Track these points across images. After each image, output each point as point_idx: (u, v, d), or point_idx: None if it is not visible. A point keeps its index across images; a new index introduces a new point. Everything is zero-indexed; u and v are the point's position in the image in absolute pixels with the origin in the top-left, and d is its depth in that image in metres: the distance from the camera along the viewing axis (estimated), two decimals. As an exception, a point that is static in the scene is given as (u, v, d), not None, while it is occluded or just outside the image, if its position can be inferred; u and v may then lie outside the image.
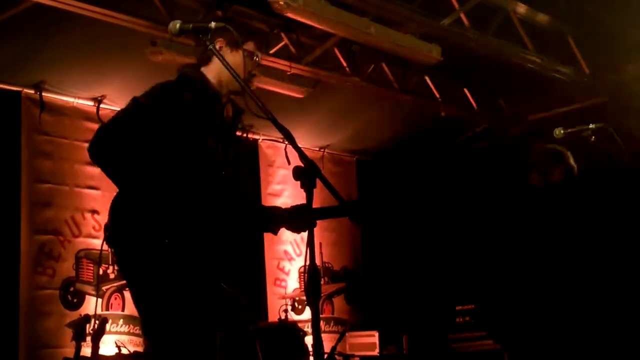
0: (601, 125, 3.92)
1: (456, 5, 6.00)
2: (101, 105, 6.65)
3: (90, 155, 2.99)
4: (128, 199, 3.00)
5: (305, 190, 2.65)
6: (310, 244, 2.59)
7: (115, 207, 3.02)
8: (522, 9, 6.24)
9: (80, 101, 6.66)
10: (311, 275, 2.51)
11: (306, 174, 2.63)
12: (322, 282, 8.19)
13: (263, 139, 8.05)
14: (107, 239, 3.02)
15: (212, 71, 3.22)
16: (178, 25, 2.99)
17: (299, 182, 2.67)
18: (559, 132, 4.08)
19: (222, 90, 3.23)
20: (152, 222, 2.95)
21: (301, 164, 2.67)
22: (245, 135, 7.78)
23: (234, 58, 3.16)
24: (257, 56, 3.18)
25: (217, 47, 3.16)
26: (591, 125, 3.94)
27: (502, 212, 5.10)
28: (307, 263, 2.56)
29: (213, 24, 2.97)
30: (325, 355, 6.38)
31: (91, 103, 6.69)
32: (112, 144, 2.94)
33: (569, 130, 4.05)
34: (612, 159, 4.35)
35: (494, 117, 8.28)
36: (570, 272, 4.66)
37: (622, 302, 4.41)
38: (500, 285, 5.59)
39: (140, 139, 2.98)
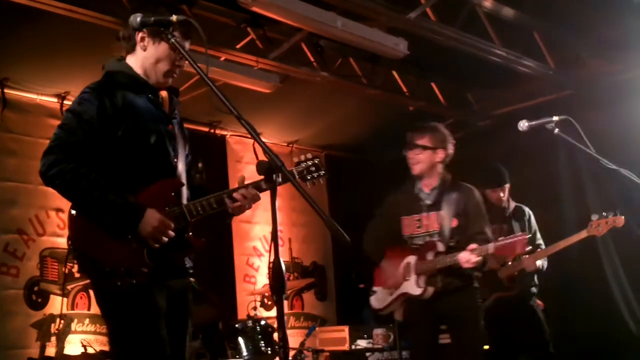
0: (564, 117, 3.95)
1: (422, -1, 6.01)
2: (65, 102, 6.58)
3: (44, 183, 2.95)
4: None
5: (269, 185, 2.62)
6: (274, 235, 2.55)
7: (74, 221, 3.01)
8: (487, 3, 6.25)
9: (44, 98, 6.59)
10: (275, 265, 2.48)
11: (270, 169, 2.60)
12: (291, 277, 8.17)
13: (231, 135, 8.03)
14: (72, 253, 3.01)
15: (137, 60, 3.19)
16: (139, 19, 2.97)
17: (266, 178, 2.66)
18: (523, 124, 4.11)
19: (149, 79, 3.19)
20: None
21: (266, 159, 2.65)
22: (212, 131, 7.81)
23: (158, 50, 3.14)
24: (182, 46, 2.98)
25: (139, 38, 3.14)
26: (554, 118, 3.96)
27: None
28: (271, 257, 2.54)
29: (175, 17, 2.93)
30: (294, 351, 6.36)
31: (55, 100, 6.61)
32: (58, 171, 2.90)
33: (533, 122, 4.07)
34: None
35: (462, 111, 8.31)
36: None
37: None
38: None
39: (86, 151, 2.95)
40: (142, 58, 3.17)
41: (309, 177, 3.28)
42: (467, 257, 4.40)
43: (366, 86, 7.26)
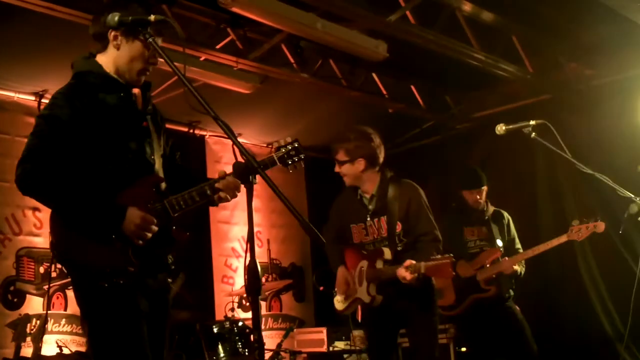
0: (541, 122, 3.98)
1: (402, 2, 6.02)
2: (42, 100, 6.52)
3: (22, 192, 2.92)
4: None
5: (245, 186, 2.63)
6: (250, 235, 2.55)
7: (56, 226, 2.99)
8: (467, 6, 6.28)
9: (21, 96, 6.53)
10: (251, 269, 2.48)
11: (246, 170, 2.60)
12: (270, 278, 8.16)
13: (210, 135, 8.00)
14: (56, 258, 2.99)
15: (109, 59, 3.14)
16: (117, 18, 2.96)
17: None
18: (500, 128, 4.14)
19: (122, 78, 3.15)
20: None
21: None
22: (191, 131, 7.78)
23: (131, 48, 3.09)
24: (155, 44, 2.96)
25: (112, 37, 3.10)
26: (532, 122, 4.00)
27: None
28: (247, 259, 2.54)
29: (153, 17, 2.92)
30: (271, 352, 6.36)
31: (32, 97, 6.55)
32: (36, 180, 2.88)
33: (510, 126, 4.10)
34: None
35: (441, 114, 8.35)
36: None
37: None
38: None
39: (61, 156, 2.91)
40: (115, 57, 3.12)
41: (289, 162, 3.28)
42: (403, 275, 4.36)
43: (346, 88, 7.27)
